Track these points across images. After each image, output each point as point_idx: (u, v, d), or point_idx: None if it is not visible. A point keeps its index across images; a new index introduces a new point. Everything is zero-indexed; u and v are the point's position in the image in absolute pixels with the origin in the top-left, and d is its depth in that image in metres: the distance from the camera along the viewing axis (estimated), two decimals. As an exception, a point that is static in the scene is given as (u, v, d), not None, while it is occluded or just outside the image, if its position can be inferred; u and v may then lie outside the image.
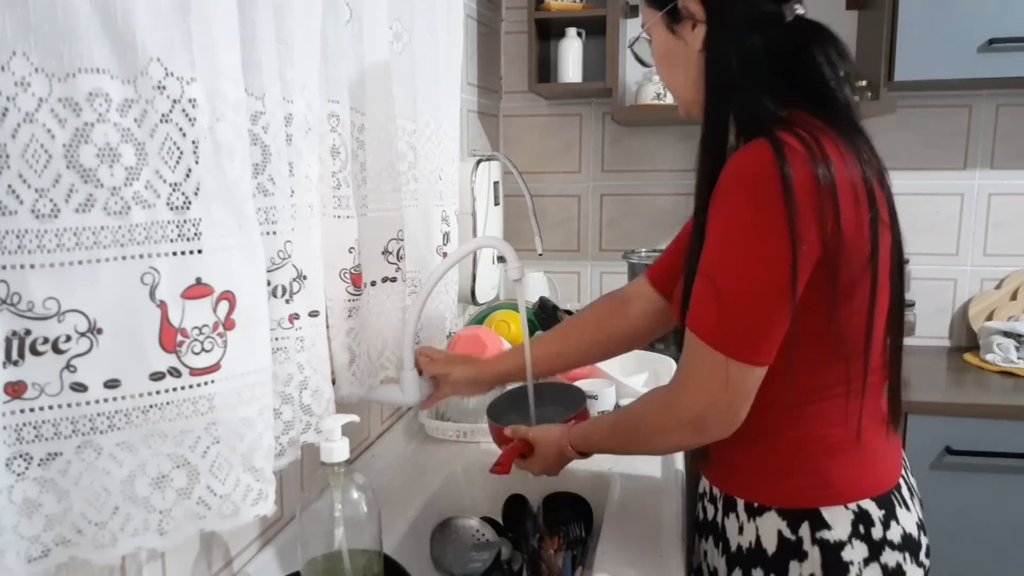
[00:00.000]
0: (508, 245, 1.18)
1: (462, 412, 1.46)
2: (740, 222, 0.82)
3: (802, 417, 0.91)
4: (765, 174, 0.79)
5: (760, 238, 0.81)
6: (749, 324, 0.83)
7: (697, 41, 0.92)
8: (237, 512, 0.74)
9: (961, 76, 1.85)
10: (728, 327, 0.84)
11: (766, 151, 0.80)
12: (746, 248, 0.82)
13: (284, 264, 0.87)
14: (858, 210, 0.83)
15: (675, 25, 0.94)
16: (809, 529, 0.90)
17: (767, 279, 0.81)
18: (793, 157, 0.80)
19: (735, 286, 0.83)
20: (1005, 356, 2.00)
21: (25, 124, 0.57)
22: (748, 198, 0.81)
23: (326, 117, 1.02)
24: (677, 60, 0.95)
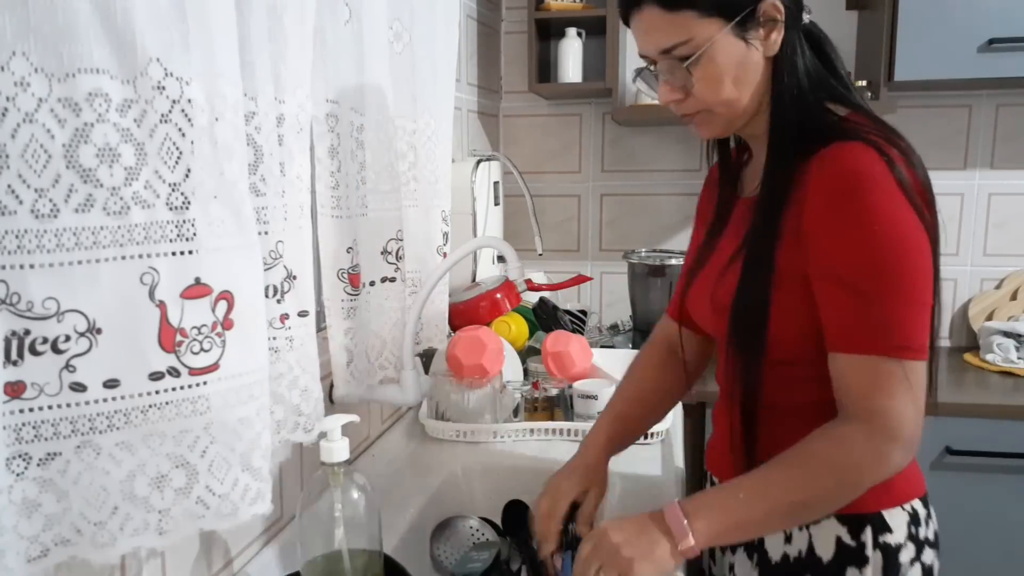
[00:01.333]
0: (508, 245, 1.18)
1: (462, 412, 1.46)
2: (876, 221, 0.80)
3: None
4: (882, 172, 0.80)
5: (901, 232, 0.80)
6: (909, 320, 0.80)
7: (775, 45, 0.87)
8: (236, 511, 0.74)
9: (961, 76, 1.85)
10: (892, 330, 0.80)
11: (870, 152, 0.80)
12: (891, 245, 0.80)
13: (275, 264, 0.87)
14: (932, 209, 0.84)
15: (749, 33, 0.86)
16: (872, 534, 0.88)
17: (915, 272, 0.80)
18: (894, 155, 0.81)
19: (886, 287, 0.80)
20: (1005, 356, 2.00)
21: (25, 124, 0.58)
22: (877, 195, 0.80)
23: (324, 117, 1.02)
24: (749, 71, 0.88)
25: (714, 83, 0.88)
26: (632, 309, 2.21)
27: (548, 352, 1.57)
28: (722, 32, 0.85)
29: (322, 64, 1.01)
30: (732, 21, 0.85)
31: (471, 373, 1.43)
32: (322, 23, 0.99)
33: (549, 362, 1.57)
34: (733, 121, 0.92)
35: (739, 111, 0.90)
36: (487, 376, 1.44)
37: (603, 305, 2.44)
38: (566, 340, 1.58)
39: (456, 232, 1.65)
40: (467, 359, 1.43)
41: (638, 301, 2.18)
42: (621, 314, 2.32)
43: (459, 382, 1.44)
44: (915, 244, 0.80)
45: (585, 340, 1.62)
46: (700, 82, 0.88)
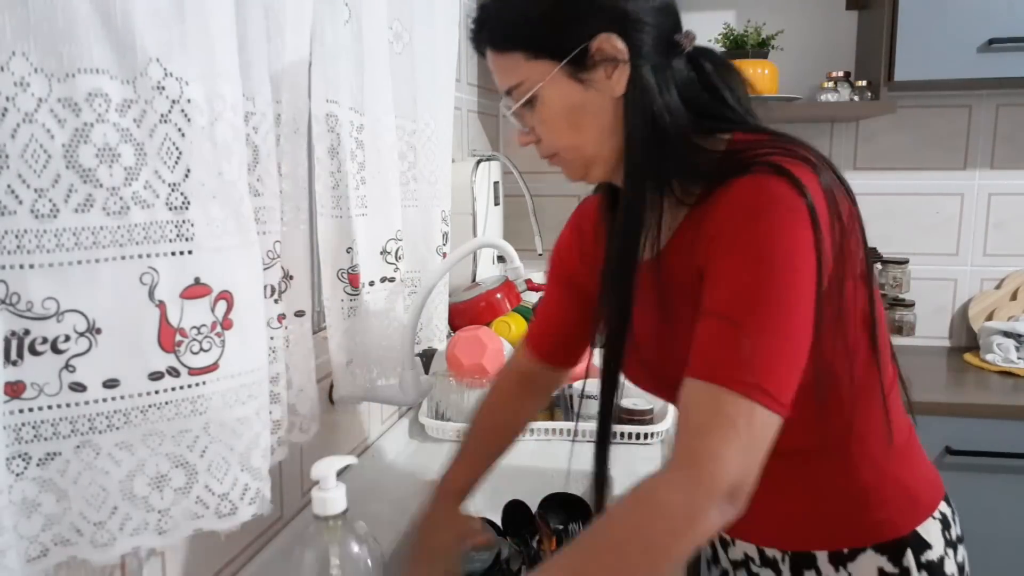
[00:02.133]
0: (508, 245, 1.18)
1: (462, 412, 1.46)
2: (769, 251, 0.72)
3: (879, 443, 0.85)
4: (786, 196, 0.72)
5: (791, 268, 0.71)
6: (782, 366, 0.71)
7: (617, 86, 0.79)
8: (235, 511, 0.74)
9: (961, 76, 1.85)
10: (759, 371, 0.70)
11: (773, 176, 0.73)
12: (777, 279, 0.71)
13: (273, 264, 0.88)
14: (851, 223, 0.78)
15: (584, 74, 0.79)
16: (913, 555, 0.84)
17: (800, 315, 0.72)
18: (800, 172, 0.73)
19: (764, 322, 0.71)
20: (1005, 356, 2.00)
21: (24, 124, 0.58)
22: (773, 224, 0.72)
23: (324, 117, 1.02)
24: (588, 114, 0.81)
25: (550, 127, 0.83)
26: (632, 309, 2.21)
27: (548, 352, 1.57)
28: (552, 74, 0.79)
29: (322, 64, 1.01)
30: (562, 62, 0.79)
31: (471, 373, 1.43)
32: (322, 23, 0.99)
33: (549, 362, 1.56)
34: (588, 167, 0.85)
35: (588, 156, 0.84)
36: (487, 376, 1.44)
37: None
38: (566, 340, 1.58)
39: (456, 232, 1.65)
40: (467, 359, 1.43)
41: (638, 301, 2.17)
42: (621, 314, 2.31)
43: (459, 382, 1.44)
44: (804, 287, 0.72)
45: (585, 340, 1.62)
46: (539, 125, 0.84)
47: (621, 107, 0.80)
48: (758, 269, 0.72)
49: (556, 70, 0.79)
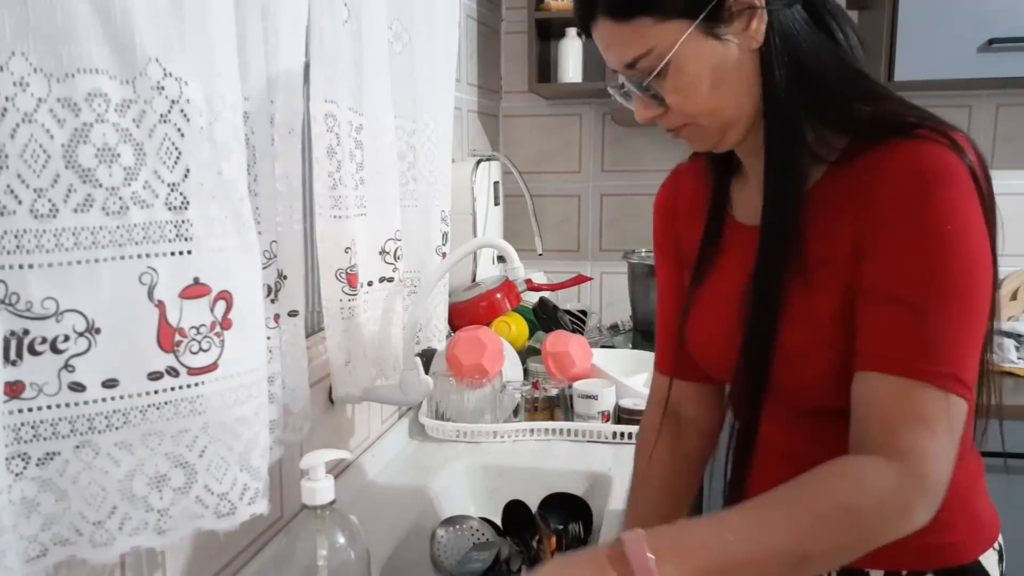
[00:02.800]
0: (508, 245, 1.18)
1: (462, 412, 1.46)
2: (945, 228, 0.67)
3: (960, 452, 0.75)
4: (956, 168, 0.67)
5: (971, 245, 0.67)
6: (970, 352, 0.68)
7: (758, 35, 0.73)
8: (234, 511, 0.74)
9: (961, 76, 1.85)
10: (950, 360, 0.67)
11: (941, 144, 0.68)
12: (959, 259, 0.67)
13: (269, 264, 0.88)
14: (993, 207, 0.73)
15: (721, 28, 0.72)
16: None
17: (982, 295, 0.68)
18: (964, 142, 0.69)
19: (952, 307, 0.67)
20: (1005, 356, 2.00)
21: (24, 124, 0.58)
22: (947, 198, 0.67)
23: (322, 117, 1.02)
24: (729, 72, 0.74)
25: (689, 93, 0.75)
26: (632, 309, 2.21)
27: (548, 352, 1.57)
28: (687, 34, 0.72)
29: (321, 64, 1.01)
30: (697, 19, 0.72)
31: (471, 373, 1.43)
32: (320, 23, 0.99)
33: (549, 362, 1.57)
34: (724, 131, 0.78)
35: (728, 119, 0.77)
36: (487, 376, 1.44)
37: (603, 305, 2.44)
38: (566, 340, 1.58)
39: (456, 232, 1.65)
40: (467, 359, 1.43)
41: (638, 301, 2.18)
42: (621, 314, 2.32)
43: (459, 382, 1.44)
44: (985, 265, 0.69)
45: (585, 340, 1.62)
46: (673, 94, 0.75)
47: (758, 59, 0.74)
48: (940, 247, 0.67)
49: (691, 29, 0.72)
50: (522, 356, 1.66)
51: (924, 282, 0.68)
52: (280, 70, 0.87)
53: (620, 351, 1.87)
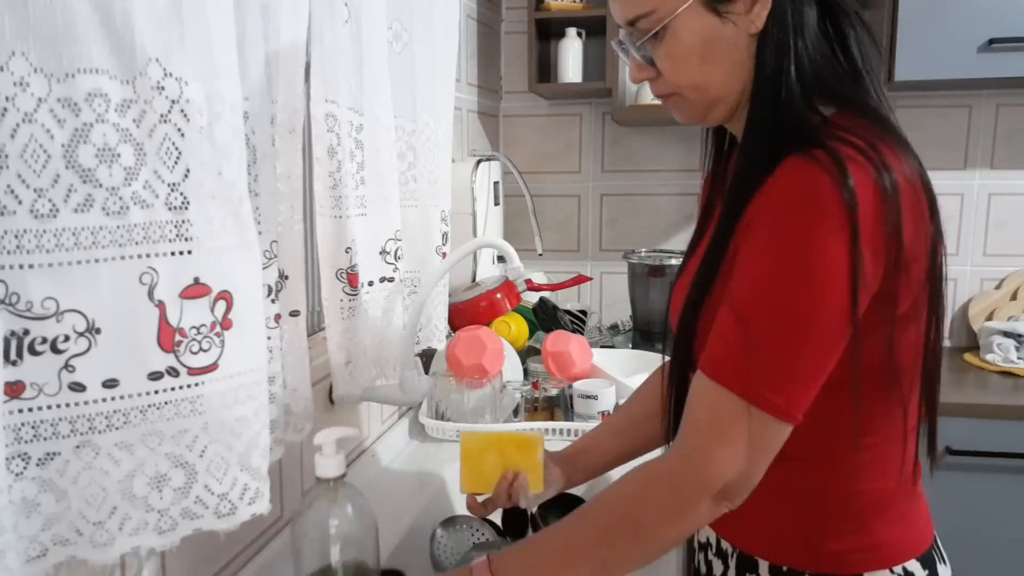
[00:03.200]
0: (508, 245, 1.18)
1: (462, 412, 1.46)
2: (790, 246, 0.69)
3: (847, 468, 0.79)
4: (827, 189, 0.67)
5: (812, 268, 0.68)
6: (787, 373, 0.70)
7: (758, 20, 0.75)
8: (235, 511, 0.74)
9: (961, 76, 1.85)
10: (762, 375, 0.69)
11: (825, 162, 0.68)
12: (794, 279, 0.69)
13: (270, 264, 0.88)
14: (920, 225, 0.72)
15: (723, 5, 0.75)
16: None
17: (815, 318, 0.69)
18: (856, 169, 0.68)
19: (774, 324, 0.69)
20: (1005, 356, 2.00)
21: (24, 124, 0.58)
22: (804, 218, 0.68)
23: (323, 117, 1.02)
24: (721, 50, 0.76)
25: (679, 62, 0.78)
26: (632, 309, 2.21)
27: (548, 352, 1.57)
28: (690, 3, 0.75)
29: (321, 64, 1.01)
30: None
31: (471, 373, 1.43)
32: (321, 23, 0.99)
33: (549, 362, 1.57)
34: (710, 108, 0.81)
35: (712, 97, 0.79)
36: (487, 376, 1.44)
37: (603, 305, 2.44)
38: (566, 340, 1.58)
39: (456, 232, 1.65)
40: (467, 359, 1.43)
41: (638, 301, 2.18)
42: (621, 314, 2.32)
43: (459, 382, 1.44)
44: (830, 299, 0.68)
45: (585, 340, 1.62)
46: (664, 60, 0.78)
47: (755, 44, 0.76)
48: (780, 269, 0.69)
49: (691, 1, 0.75)
50: (522, 356, 1.66)
51: (756, 300, 0.70)
52: (281, 70, 0.87)
53: (620, 351, 1.87)
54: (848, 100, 0.77)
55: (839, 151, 0.69)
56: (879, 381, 0.76)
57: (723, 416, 0.71)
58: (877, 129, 0.74)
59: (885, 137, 0.73)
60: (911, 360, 0.77)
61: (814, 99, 0.76)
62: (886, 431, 0.79)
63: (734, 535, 0.88)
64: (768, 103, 0.76)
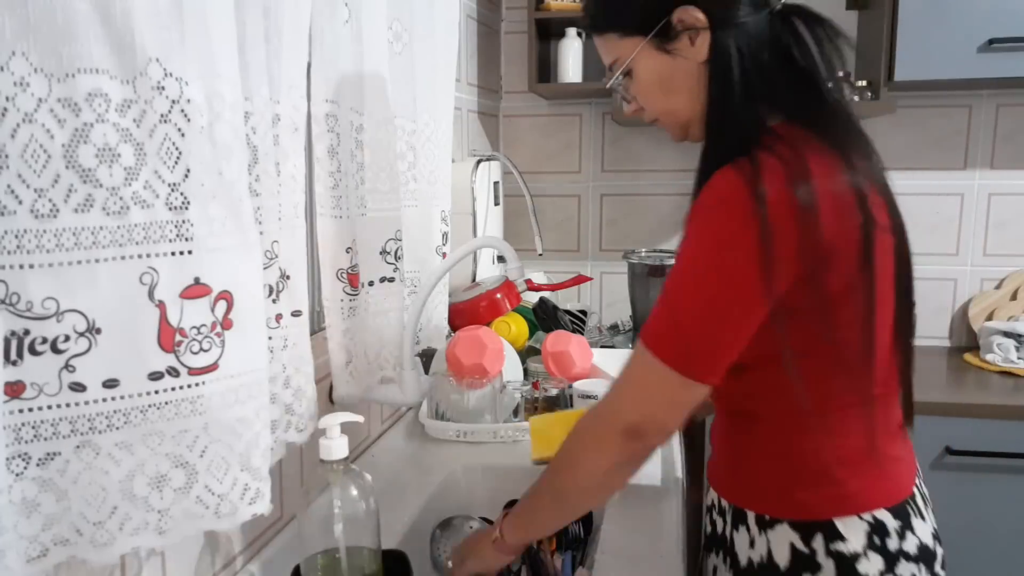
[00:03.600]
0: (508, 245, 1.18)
1: (462, 412, 1.46)
2: (704, 243, 0.81)
3: (813, 429, 0.89)
4: (738, 195, 0.78)
5: (717, 259, 0.80)
6: (695, 341, 0.82)
7: (701, 51, 0.86)
8: (235, 511, 0.74)
9: (961, 76, 1.85)
10: (674, 340, 0.83)
11: (743, 171, 0.79)
12: (706, 269, 0.81)
13: (271, 264, 0.88)
14: (844, 222, 0.81)
15: (669, 44, 0.88)
16: (823, 541, 0.88)
17: (725, 302, 0.81)
18: (769, 176, 0.78)
19: (686, 303, 0.83)
20: (1005, 356, 2.00)
21: (24, 124, 0.58)
22: (718, 220, 0.80)
23: (323, 117, 1.02)
24: (677, 81, 0.89)
25: (646, 96, 0.93)
26: (632, 309, 2.21)
27: (548, 352, 1.57)
28: (640, 48, 0.89)
29: (321, 64, 1.01)
30: (648, 36, 0.88)
31: (471, 373, 1.43)
32: (321, 23, 0.99)
33: (549, 362, 1.57)
34: (686, 128, 0.94)
35: (684, 119, 0.93)
36: (487, 376, 1.44)
37: (603, 305, 2.44)
38: (566, 340, 1.58)
39: (456, 232, 1.65)
40: (467, 359, 1.43)
41: (638, 301, 2.18)
42: (621, 314, 2.32)
43: (459, 382, 1.44)
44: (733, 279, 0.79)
45: (585, 340, 1.62)
46: (638, 95, 0.94)
47: (706, 71, 0.87)
48: (694, 256, 0.82)
49: (643, 44, 0.89)
50: (522, 356, 1.66)
51: (675, 282, 0.84)
52: (283, 69, 0.87)
53: (620, 351, 1.87)
54: (797, 109, 0.86)
55: (760, 159, 0.79)
56: (824, 355, 0.86)
57: (638, 368, 0.86)
58: (817, 139, 0.83)
59: (821, 147, 0.82)
60: (858, 338, 0.85)
61: (762, 112, 0.86)
62: (847, 397, 0.88)
63: (728, 492, 0.98)
64: (714, 122, 0.88)
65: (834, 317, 0.84)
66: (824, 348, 0.85)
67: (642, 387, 0.86)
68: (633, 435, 0.86)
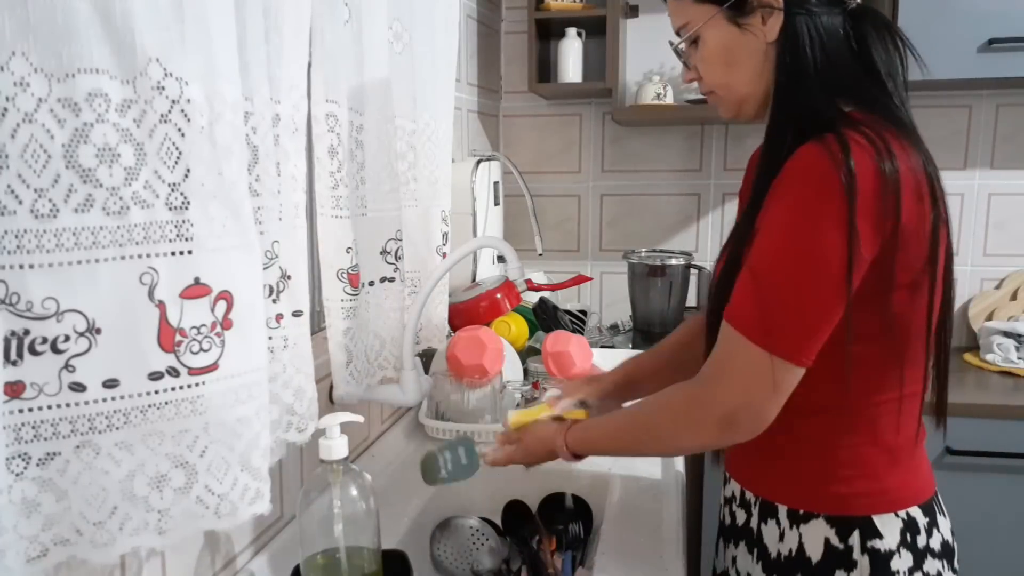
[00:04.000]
0: (508, 245, 1.18)
1: (462, 412, 1.46)
2: (795, 216, 0.80)
3: (860, 422, 0.89)
4: (829, 168, 0.77)
5: (813, 233, 0.79)
6: (792, 321, 0.80)
7: (772, 31, 0.87)
8: (235, 511, 0.74)
9: (961, 76, 1.85)
10: (770, 322, 0.81)
11: (832, 146, 0.78)
12: (797, 242, 0.80)
13: (272, 264, 0.88)
14: (921, 207, 0.81)
15: (742, 18, 0.89)
16: (860, 538, 0.88)
17: (815, 276, 0.79)
18: (859, 152, 0.78)
19: (781, 281, 0.80)
20: (1005, 356, 2.00)
21: (24, 124, 0.58)
22: (808, 192, 0.79)
23: (323, 117, 1.02)
24: (742, 55, 0.90)
25: (708, 65, 0.93)
26: (632, 309, 2.21)
27: (548, 352, 1.57)
28: (713, 17, 0.90)
29: (321, 64, 1.01)
30: (723, 6, 0.89)
31: (471, 373, 1.43)
32: (321, 23, 0.99)
33: (549, 362, 1.57)
34: (741, 105, 0.94)
35: (738, 95, 0.93)
36: (487, 376, 1.44)
37: (603, 305, 2.44)
38: (566, 340, 1.58)
39: (456, 232, 1.65)
40: (467, 359, 1.43)
41: (638, 301, 2.18)
42: (621, 314, 2.32)
43: (459, 382, 1.44)
44: (823, 257, 0.78)
45: (585, 340, 1.62)
46: (700, 63, 0.94)
47: (773, 52, 0.88)
48: (785, 235, 0.81)
49: (716, 13, 0.90)
50: (522, 356, 1.66)
51: (766, 261, 0.82)
52: (284, 70, 0.86)
53: (620, 351, 1.87)
54: (866, 101, 0.87)
55: (846, 136, 0.79)
56: (882, 344, 0.86)
57: (735, 353, 0.83)
58: (892, 127, 0.83)
59: (897, 133, 0.82)
60: (919, 329, 0.86)
61: (836, 98, 0.86)
62: (891, 392, 0.88)
63: (757, 485, 0.98)
64: (785, 102, 0.88)
65: (896, 309, 0.84)
66: (881, 339, 0.85)
67: (738, 373, 0.83)
68: (729, 424, 0.84)
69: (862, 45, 0.88)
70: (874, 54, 0.88)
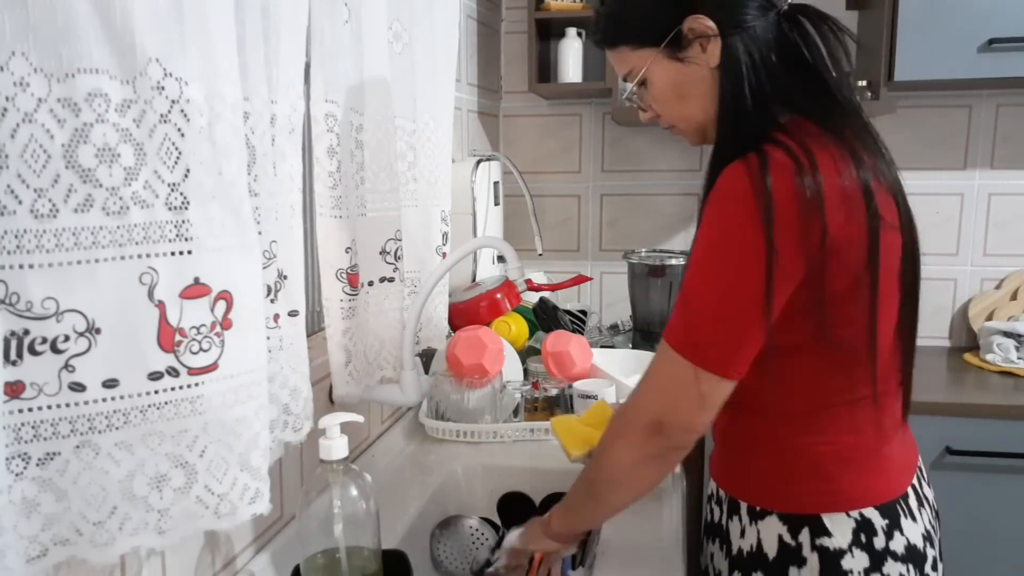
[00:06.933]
0: (508, 245, 1.18)
1: (462, 412, 1.46)
2: (713, 238, 0.83)
3: (809, 425, 0.90)
4: (746, 190, 0.79)
5: (730, 255, 0.81)
6: (718, 339, 0.83)
7: (713, 57, 0.88)
8: (235, 511, 0.74)
9: (961, 76, 1.85)
10: (696, 337, 0.84)
11: (751, 166, 0.80)
12: (716, 264, 0.82)
13: (269, 264, 0.88)
14: (850, 217, 0.81)
15: (681, 52, 0.90)
16: (809, 535, 0.90)
17: (736, 295, 0.81)
18: (777, 170, 0.79)
19: (705, 299, 0.83)
20: (1005, 356, 2.00)
21: (24, 124, 0.58)
22: (725, 215, 0.81)
23: (323, 117, 1.02)
24: (691, 87, 0.91)
25: (662, 104, 0.95)
26: (632, 309, 2.21)
27: (548, 352, 1.57)
28: (654, 59, 0.91)
29: (321, 64, 1.01)
30: (660, 46, 0.90)
31: (471, 373, 1.43)
32: (321, 23, 0.99)
33: (549, 362, 1.57)
34: (703, 132, 0.95)
35: (697, 124, 0.94)
36: (487, 376, 1.44)
37: (603, 305, 2.44)
38: (566, 340, 1.58)
39: (456, 232, 1.65)
40: (467, 359, 1.43)
41: (638, 301, 2.18)
42: (621, 314, 2.32)
43: (459, 382, 1.44)
44: (741, 270, 0.80)
45: (585, 340, 1.62)
46: (654, 103, 0.96)
47: (717, 75, 0.89)
48: (706, 252, 0.84)
49: (656, 54, 0.91)
50: (522, 356, 1.66)
51: (692, 278, 0.85)
52: (281, 70, 0.86)
53: (620, 351, 1.87)
54: (807, 106, 0.88)
55: (768, 154, 0.80)
56: (821, 352, 0.87)
57: (662, 365, 0.87)
58: (827, 136, 0.84)
59: (829, 143, 0.83)
60: (861, 334, 0.86)
61: (774, 110, 0.87)
62: (843, 395, 0.89)
63: (725, 483, 1.00)
64: (727, 122, 0.89)
65: (835, 315, 0.84)
66: (822, 346, 0.86)
67: (663, 382, 0.87)
68: (655, 430, 0.86)
69: (803, 43, 0.89)
70: (814, 51, 0.89)
